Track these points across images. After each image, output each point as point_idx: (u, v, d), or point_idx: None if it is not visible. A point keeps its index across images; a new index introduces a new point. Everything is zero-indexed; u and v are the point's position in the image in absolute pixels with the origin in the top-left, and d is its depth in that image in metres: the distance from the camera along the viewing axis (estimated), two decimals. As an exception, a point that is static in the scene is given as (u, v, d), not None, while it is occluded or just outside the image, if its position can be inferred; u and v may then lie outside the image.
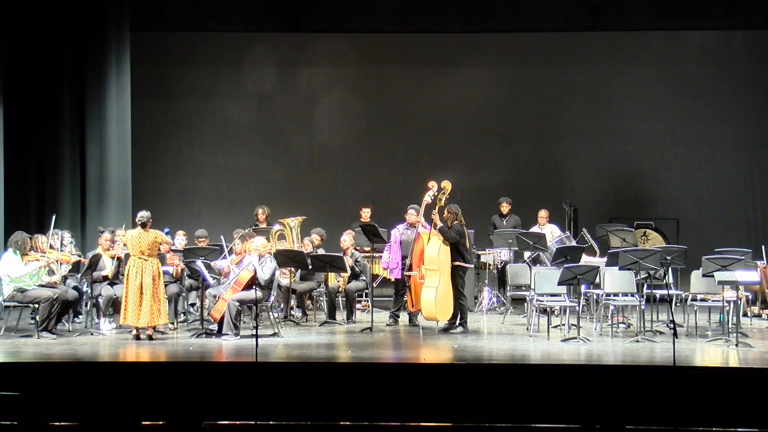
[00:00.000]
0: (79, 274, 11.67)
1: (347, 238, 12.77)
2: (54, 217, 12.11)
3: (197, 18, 15.65)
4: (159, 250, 11.16)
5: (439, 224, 11.44)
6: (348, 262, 12.24)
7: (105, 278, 11.63)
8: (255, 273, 11.01)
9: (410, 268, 11.73)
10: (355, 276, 12.55)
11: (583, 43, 16.45)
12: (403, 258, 11.88)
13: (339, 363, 9.68)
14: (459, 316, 11.54)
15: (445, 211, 11.51)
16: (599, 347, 10.53)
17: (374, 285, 12.74)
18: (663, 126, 16.40)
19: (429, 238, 11.52)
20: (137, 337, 10.84)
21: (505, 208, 14.07)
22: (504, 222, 13.97)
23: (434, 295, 11.27)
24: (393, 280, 12.20)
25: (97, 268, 11.54)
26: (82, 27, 14.41)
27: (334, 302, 12.40)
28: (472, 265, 12.34)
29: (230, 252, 11.71)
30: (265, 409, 8.46)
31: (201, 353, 10.09)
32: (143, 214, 11.00)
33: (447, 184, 11.69)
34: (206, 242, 12.44)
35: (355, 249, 12.86)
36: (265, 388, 8.72)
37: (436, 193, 11.67)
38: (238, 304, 10.87)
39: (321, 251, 12.56)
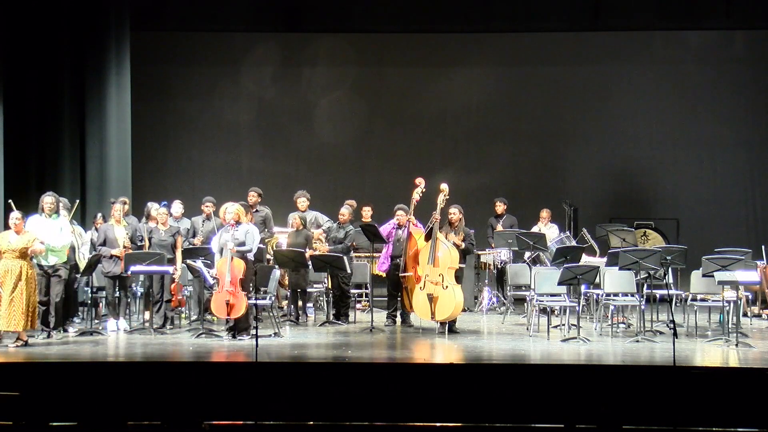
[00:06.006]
0: (80, 274, 11.66)
1: (347, 211, 12.68)
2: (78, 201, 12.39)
3: (197, 18, 15.66)
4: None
5: (462, 245, 11.40)
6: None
7: (113, 257, 11.58)
8: (235, 250, 10.59)
9: (404, 269, 11.69)
10: (342, 246, 12.39)
11: (583, 43, 16.46)
12: (395, 257, 11.85)
13: (339, 363, 9.67)
14: None
15: (456, 216, 11.44)
16: (599, 347, 10.53)
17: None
18: (663, 126, 16.41)
19: (438, 240, 11.30)
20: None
21: (500, 207, 14.04)
22: (500, 222, 13.95)
23: (454, 293, 11.22)
24: (384, 275, 12.13)
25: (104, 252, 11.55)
26: (82, 27, 14.42)
27: (340, 303, 12.37)
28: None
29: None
30: (265, 409, 8.45)
31: (201, 353, 10.08)
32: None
33: (444, 187, 11.60)
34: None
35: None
36: (265, 388, 8.72)
37: (424, 190, 11.64)
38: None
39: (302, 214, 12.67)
